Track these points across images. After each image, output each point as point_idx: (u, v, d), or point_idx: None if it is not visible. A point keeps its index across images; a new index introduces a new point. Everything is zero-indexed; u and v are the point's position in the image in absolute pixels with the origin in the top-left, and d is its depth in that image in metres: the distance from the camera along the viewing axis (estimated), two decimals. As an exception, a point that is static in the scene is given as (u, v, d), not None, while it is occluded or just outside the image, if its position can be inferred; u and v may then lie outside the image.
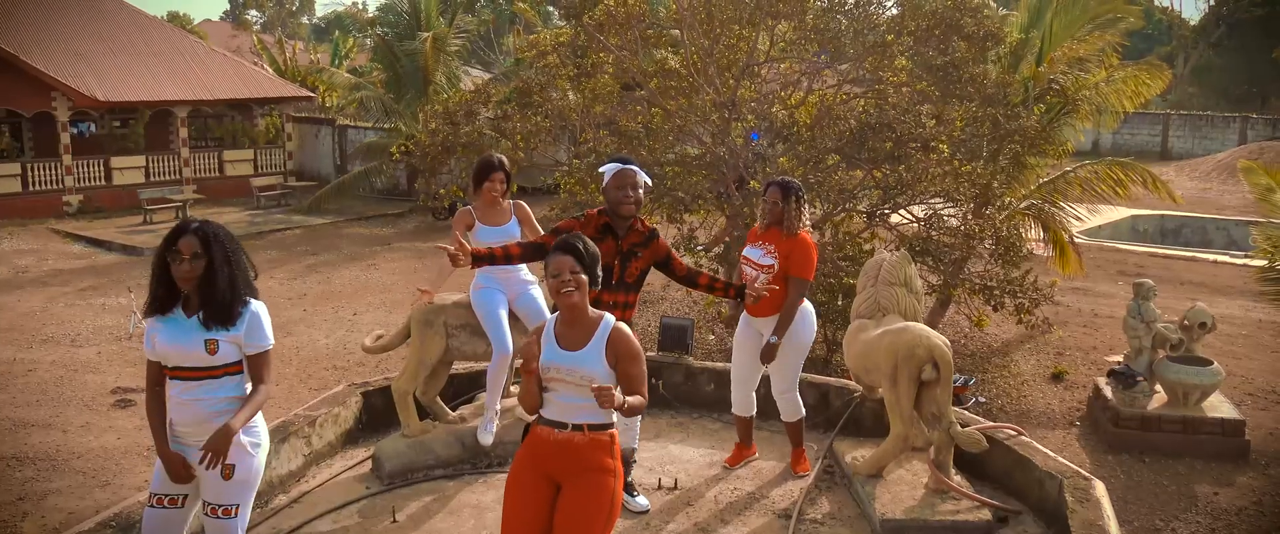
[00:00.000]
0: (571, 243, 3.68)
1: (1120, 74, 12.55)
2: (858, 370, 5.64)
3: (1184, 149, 33.28)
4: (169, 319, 3.77)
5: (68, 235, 20.05)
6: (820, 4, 11.48)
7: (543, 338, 3.71)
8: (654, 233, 4.98)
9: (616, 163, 4.87)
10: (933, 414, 4.89)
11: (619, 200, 4.79)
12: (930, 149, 9.64)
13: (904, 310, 5.39)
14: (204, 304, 3.74)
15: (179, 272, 3.70)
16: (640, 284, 5.00)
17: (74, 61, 22.52)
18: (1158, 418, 9.12)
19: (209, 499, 3.85)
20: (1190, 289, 15.06)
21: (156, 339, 3.76)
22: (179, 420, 3.82)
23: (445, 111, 12.12)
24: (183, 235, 3.72)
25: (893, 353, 4.94)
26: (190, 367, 3.75)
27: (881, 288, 5.53)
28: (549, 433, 3.67)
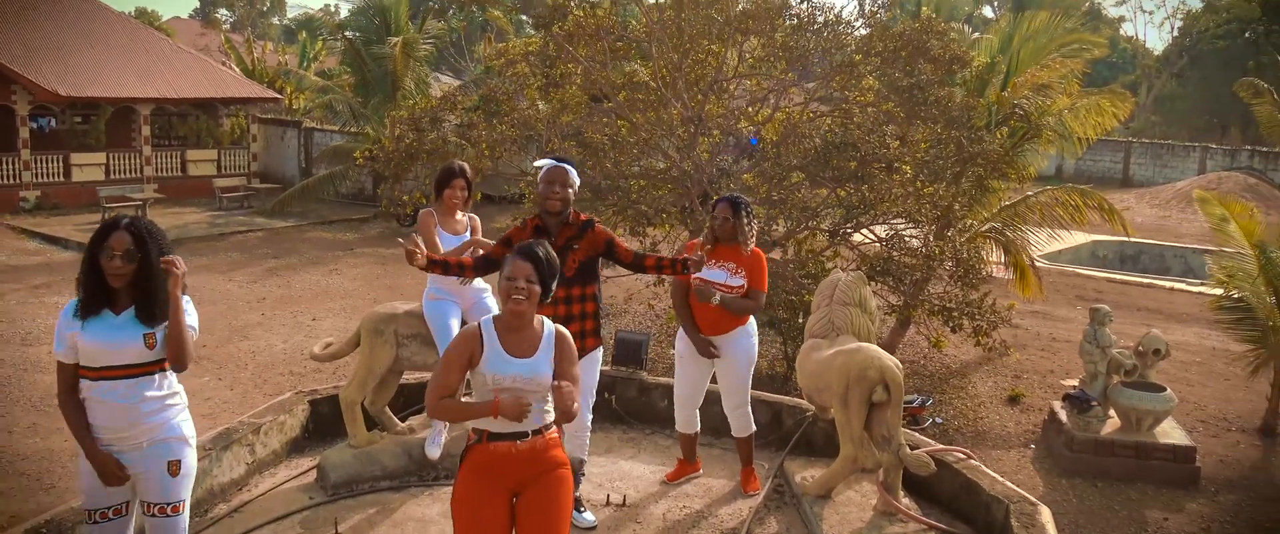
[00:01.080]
0: (534, 251, 3.62)
1: (1084, 101, 12.70)
2: (810, 390, 5.64)
3: (1145, 176, 33.75)
4: (95, 318, 3.66)
5: (23, 231, 19.71)
6: (789, 22, 11.53)
7: (486, 347, 3.59)
8: (589, 223, 5.00)
9: (551, 160, 4.97)
10: (883, 436, 4.89)
11: (546, 195, 4.90)
12: (894, 169, 9.68)
13: (858, 330, 5.39)
14: (139, 300, 3.66)
15: (112, 269, 3.61)
16: (587, 278, 4.96)
17: (36, 55, 22.17)
18: (1110, 443, 9.18)
19: (153, 499, 3.76)
20: (1146, 315, 15.23)
21: (80, 339, 3.64)
22: (112, 424, 3.70)
23: (411, 118, 12.03)
24: (114, 232, 3.64)
25: (845, 373, 4.94)
26: (123, 364, 3.65)
27: (836, 308, 5.53)
28: (508, 447, 3.59)
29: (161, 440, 3.76)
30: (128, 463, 3.72)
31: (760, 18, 11.24)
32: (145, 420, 3.69)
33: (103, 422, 3.69)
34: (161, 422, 3.76)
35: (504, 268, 3.61)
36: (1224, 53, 39.17)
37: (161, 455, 3.76)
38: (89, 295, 3.66)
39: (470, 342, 3.59)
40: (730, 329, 5.38)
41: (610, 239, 5.01)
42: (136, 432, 3.69)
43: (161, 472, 3.72)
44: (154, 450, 3.75)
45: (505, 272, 3.60)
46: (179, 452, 3.76)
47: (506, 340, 3.59)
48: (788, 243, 10.66)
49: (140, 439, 3.70)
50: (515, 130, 11.48)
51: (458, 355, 3.56)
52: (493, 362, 3.55)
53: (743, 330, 5.44)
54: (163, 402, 3.76)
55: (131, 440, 3.69)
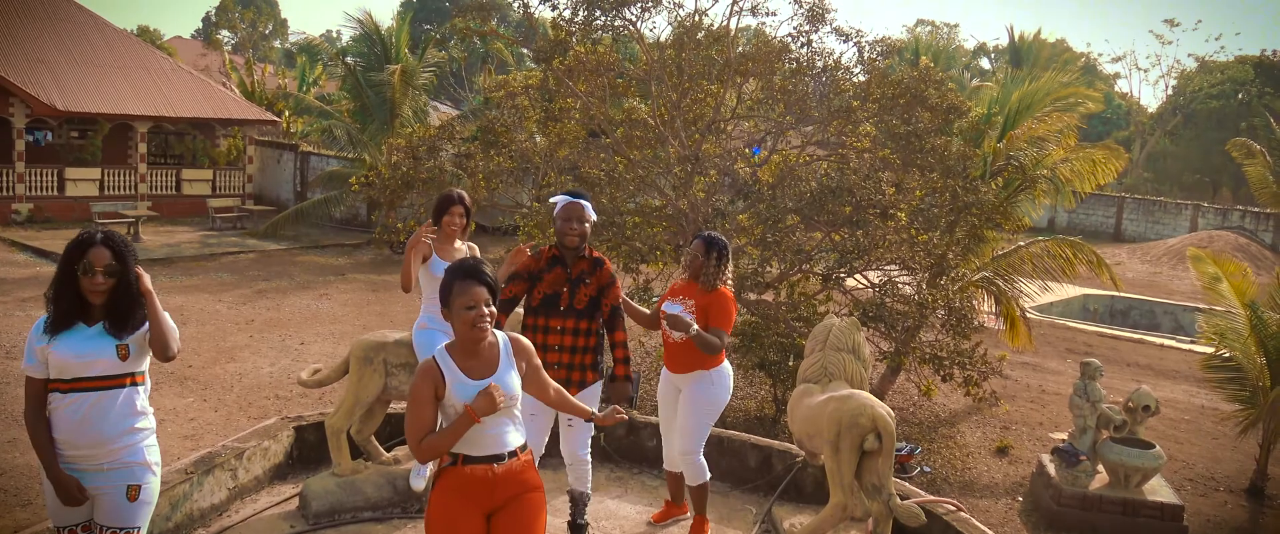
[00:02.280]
0: (480, 270, 3.54)
1: (1078, 155, 12.77)
2: (801, 435, 5.58)
3: (1137, 232, 33.93)
4: (67, 331, 3.60)
5: (13, 244, 19.61)
6: (788, 66, 11.60)
7: (447, 376, 3.51)
8: (600, 261, 5.14)
9: (566, 195, 5.07)
10: (873, 484, 4.84)
11: (563, 231, 5.02)
12: (889, 216, 9.69)
13: (851, 377, 5.35)
14: (113, 313, 3.61)
15: (91, 285, 3.56)
16: (593, 312, 5.09)
17: (35, 68, 22.20)
18: (1099, 498, 9.12)
19: (108, 522, 3.67)
20: (1136, 371, 15.23)
21: (52, 352, 3.57)
22: (76, 440, 3.61)
23: (408, 146, 12.04)
24: (93, 247, 3.58)
25: (836, 420, 4.90)
26: (96, 376, 3.58)
27: (829, 353, 5.49)
28: (486, 470, 3.53)
29: (124, 464, 3.68)
30: (87, 482, 3.63)
31: (760, 60, 11.32)
32: (112, 441, 3.62)
33: (68, 436, 3.60)
34: (127, 445, 3.68)
35: (455, 293, 3.49)
36: (1217, 113, 39.56)
37: (123, 479, 3.68)
38: (63, 311, 3.60)
39: (431, 376, 3.50)
40: (691, 369, 5.27)
41: (613, 282, 5.13)
42: (100, 451, 3.61)
43: (120, 495, 3.64)
44: (115, 473, 3.67)
45: (459, 300, 3.48)
46: (140, 477, 3.68)
47: (466, 365, 3.53)
48: (780, 285, 10.64)
49: (102, 459, 3.62)
50: (512, 162, 11.50)
51: (423, 393, 3.48)
52: (458, 389, 3.49)
53: (705, 375, 5.26)
54: (130, 423, 3.69)
55: (94, 459, 3.61)
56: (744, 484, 6.06)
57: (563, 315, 5.03)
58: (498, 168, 11.38)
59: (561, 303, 5.03)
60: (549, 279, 5.05)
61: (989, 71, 49.12)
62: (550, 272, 5.05)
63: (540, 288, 5.07)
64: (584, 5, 11.43)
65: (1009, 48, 43.73)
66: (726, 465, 6.22)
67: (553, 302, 5.04)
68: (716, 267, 5.19)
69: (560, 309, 5.03)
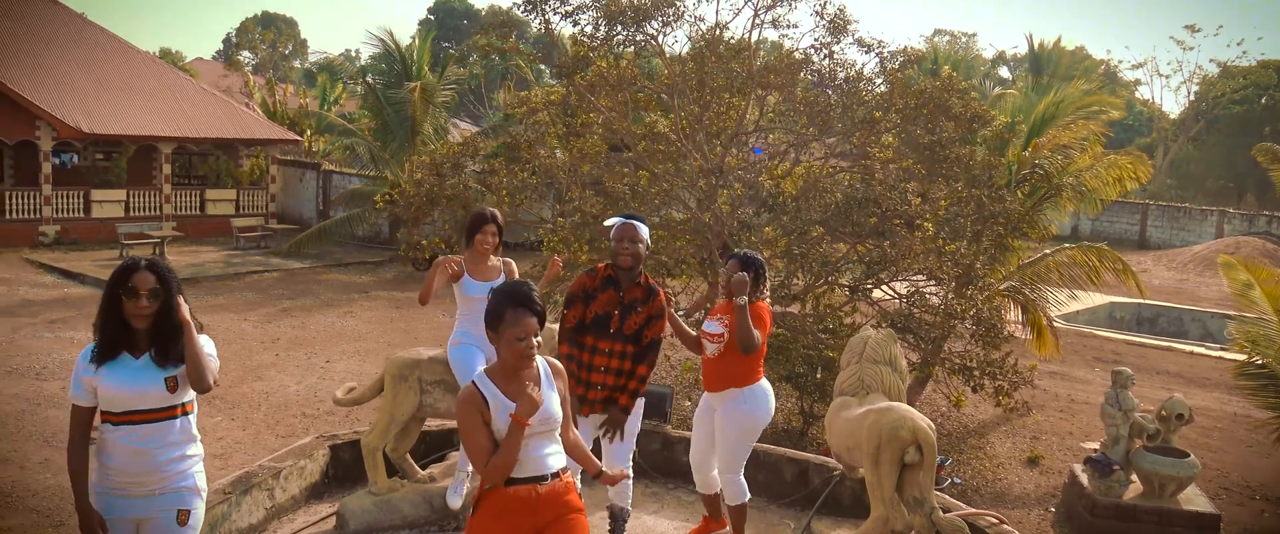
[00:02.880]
0: (532, 299, 3.51)
1: (1104, 162, 12.69)
2: (839, 449, 5.53)
3: (1162, 239, 33.67)
4: (115, 362, 3.62)
5: (41, 266, 19.80)
6: (810, 78, 11.59)
7: (489, 401, 3.49)
8: (654, 290, 5.13)
9: (622, 216, 5.10)
10: (914, 498, 4.79)
11: (617, 251, 5.04)
12: (915, 226, 9.65)
13: (888, 389, 5.31)
14: (159, 340, 3.63)
15: (136, 309, 3.59)
16: (639, 339, 5.08)
17: (61, 92, 22.44)
18: (1133, 508, 9.02)
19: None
20: (1166, 379, 15.08)
21: (101, 384, 3.59)
22: (127, 469, 3.64)
23: (432, 163, 12.08)
24: (137, 272, 3.62)
25: (876, 433, 4.85)
26: (146, 409, 3.61)
27: (866, 365, 5.45)
28: (530, 491, 3.51)
29: (174, 489, 3.72)
30: (138, 509, 3.67)
31: (782, 72, 11.31)
32: (163, 468, 3.65)
33: (121, 465, 3.64)
34: (177, 472, 3.72)
35: (508, 322, 3.47)
36: (1240, 118, 39.27)
37: (173, 503, 3.72)
38: (109, 339, 3.63)
39: (475, 402, 3.49)
40: (725, 387, 5.20)
41: (659, 318, 5.12)
42: (151, 479, 3.65)
43: (170, 520, 3.67)
44: (166, 498, 3.71)
45: (511, 330, 3.46)
46: (189, 502, 3.73)
47: (508, 389, 3.51)
48: (806, 297, 10.61)
49: (154, 486, 3.66)
50: (536, 178, 11.51)
51: (472, 419, 3.47)
52: (502, 412, 3.46)
53: (738, 393, 5.17)
54: (182, 451, 3.73)
55: (145, 487, 3.65)
56: (781, 498, 6.00)
57: (612, 338, 5.04)
58: (521, 184, 11.40)
59: (612, 325, 5.04)
60: (602, 299, 5.06)
61: (1008, 80, 48.95)
62: (604, 292, 5.07)
63: (593, 307, 5.07)
64: (605, 21, 11.45)
65: (1028, 56, 43.56)
66: (763, 479, 6.17)
67: (603, 322, 5.05)
68: (755, 285, 5.15)
69: (609, 331, 5.04)
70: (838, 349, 10.43)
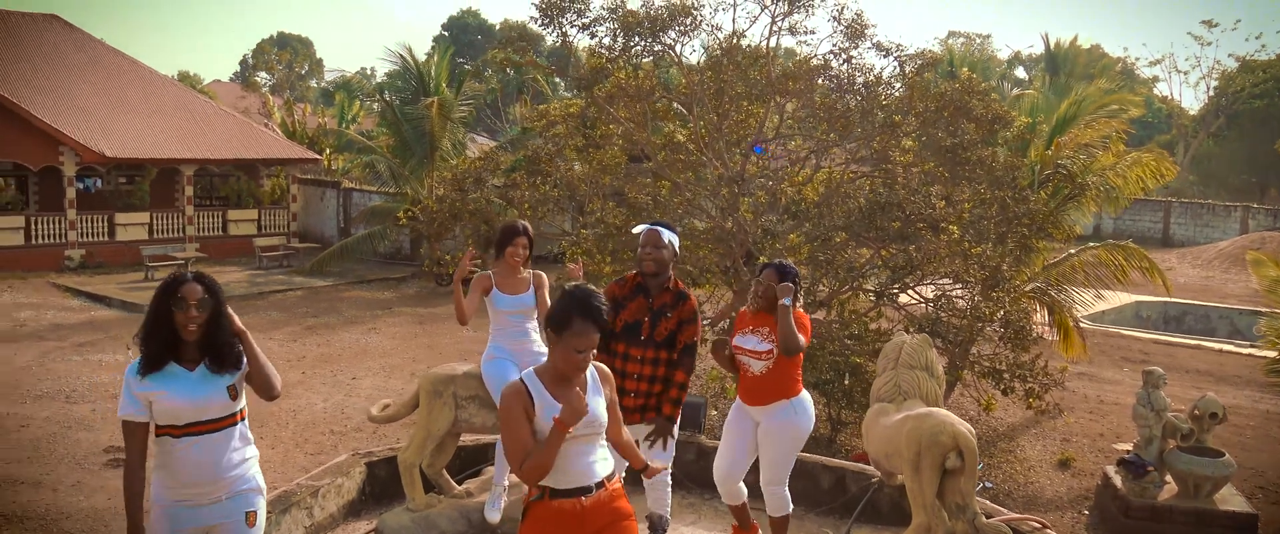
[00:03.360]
0: (600, 313, 3.49)
1: (1127, 160, 12.62)
2: (878, 456, 5.48)
3: (1185, 236, 33.42)
4: (170, 376, 3.66)
5: (68, 290, 19.97)
6: (828, 84, 11.57)
7: (536, 399, 3.47)
8: (684, 295, 5.14)
9: (648, 224, 5.12)
10: (956, 504, 4.75)
11: (641, 257, 5.07)
12: (940, 230, 9.60)
13: (925, 395, 5.27)
14: (212, 351, 3.68)
15: (186, 320, 3.63)
16: (673, 344, 5.07)
17: (83, 117, 22.67)
18: (1169, 509, 8.92)
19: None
20: (1195, 378, 14.94)
21: (164, 399, 3.64)
22: (194, 479, 3.70)
23: (454, 178, 12.12)
24: (184, 283, 3.67)
25: (916, 439, 4.81)
26: (210, 419, 3.67)
27: (902, 371, 5.41)
28: (575, 504, 3.48)
29: (240, 492, 3.80)
30: (206, 518, 3.73)
31: (800, 78, 11.30)
32: (227, 473, 3.72)
33: (187, 477, 3.69)
34: (240, 475, 3.80)
35: (574, 330, 3.44)
36: (1261, 112, 38.96)
37: (240, 507, 3.80)
38: (156, 352, 3.66)
39: (520, 396, 3.47)
40: (772, 400, 5.12)
41: (691, 322, 5.10)
42: (218, 486, 3.71)
43: (240, 523, 3.75)
44: (233, 503, 3.78)
45: (573, 341, 3.44)
46: (255, 503, 3.82)
47: (556, 391, 3.50)
48: (832, 303, 10.57)
49: (220, 493, 3.72)
50: (557, 190, 11.54)
51: (515, 412, 3.45)
52: (546, 413, 3.44)
53: (788, 404, 5.11)
54: (242, 454, 3.80)
55: (212, 494, 3.71)
56: (819, 507, 5.96)
57: (643, 345, 5.07)
58: (543, 196, 11.42)
59: (642, 332, 5.06)
60: (632, 307, 5.09)
61: (1025, 80, 48.75)
62: (633, 299, 5.10)
63: (623, 315, 5.09)
64: (622, 32, 11.47)
65: (1045, 56, 43.38)
66: (800, 488, 6.06)
67: (634, 330, 5.07)
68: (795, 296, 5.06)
69: (640, 339, 5.06)
70: (864, 355, 10.40)
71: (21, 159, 22.07)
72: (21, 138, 21.62)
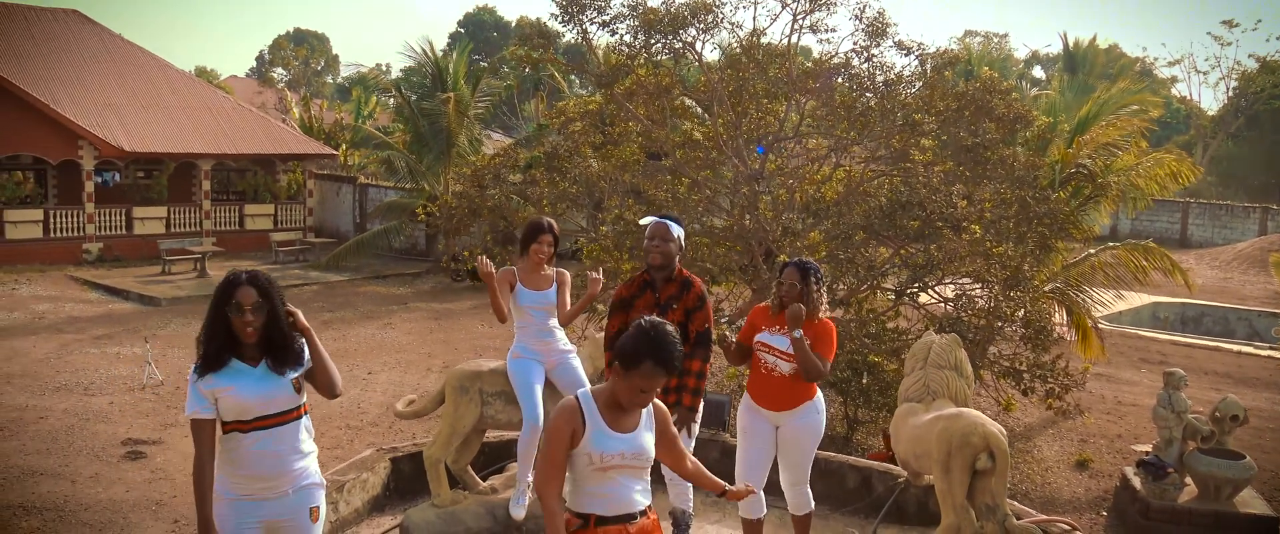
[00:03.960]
0: (673, 361, 3.38)
1: (1148, 160, 12.55)
2: (907, 456, 5.44)
3: (1203, 237, 33.22)
4: (235, 373, 3.71)
5: (86, 283, 20.07)
6: (847, 84, 11.53)
7: (588, 423, 3.42)
8: (689, 283, 5.07)
9: (655, 217, 5.09)
10: (987, 505, 4.72)
11: (648, 250, 5.04)
12: (962, 229, 9.56)
13: (954, 395, 5.24)
14: (272, 349, 3.72)
15: (242, 323, 3.67)
16: (684, 335, 4.96)
17: (102, 111, 22.79)
18: (1189, 512, 8.86)
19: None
20: (1214, 379, 14.85)
21: (231, 395, 3.68)
22: (260, 474, 3.75)
23: (473, 174, 12.13)
24: (238, 287, 3.69)
25: (946, 440, 4.78)
26: (276, 413, 3.73)
27: (931, 371, 5.38)
28: (620, 530, 3.45)
29: (304, 487, 3.86)
30: (274, 513, 3.78)
31: (820, 76, 11.28)
32: (292, 467, 3.78)
33: (254, 472, 3.74)
34: (304, 468, 3.85)
35: (643, 371, 3.34)
36: (1281, 112, 38.70)
37: (305, 501, 3.86)
38: (215, 351, 3.70)
39: (571, 417, 3.42)
40: (795, 404, 5.03)
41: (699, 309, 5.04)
42: (283, 480, 3.77)
43: (304, 517, 3.81)
44: (297, 498, 3.84)
45: (645, 379, 3.34)
46: (317, 498, 3.88)
47: (610, 416, 3.44)
48: (851, 301, 10.55)
49: (286, 487, 3.78)
50: (576, 187, 11.54)
51: (561, 431, 3.41)
52: (597, 437, 3.40)
53: (810, 406, 5.08)
54: (306, 448, 3.87)
55: (277, 488, 3.77)
56: (844, 507, 5.93)
57: None
58: (561, 193, 11.42)
59: None
60: (640, 305, 5.05)
61: (1042, 80, 48.52)
62: (641, 297, 5.07)
63: (632, 314, 5.03)
64: (643, 30, 11.46)
65: (1063, 55, 43.15)
66: (824, 488, 6.06)
67: None
68: (817, 292, 4.99)
69: None
70: (881, 354, 10.38)
71: (41, 152, 22.19)
72: (41, 131, 21.74)
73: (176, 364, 13.78)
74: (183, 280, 20.54)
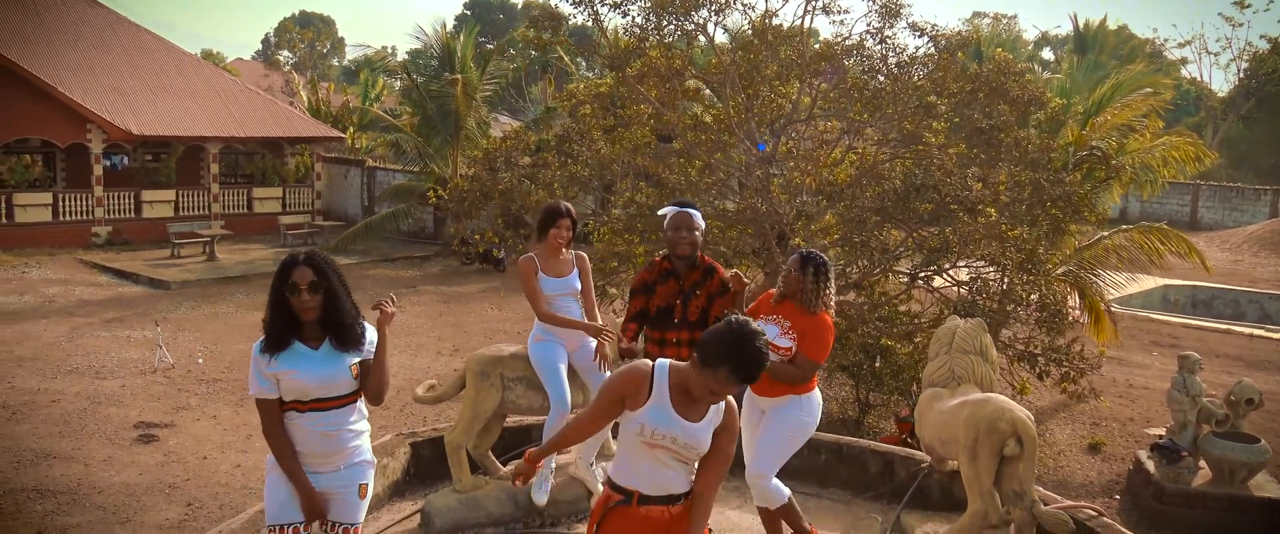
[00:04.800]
0: (756, 374, 3.25)
1: (1163, 143, 12.48)
2: (932, 441, 5.38)
3: (1213, 220, 33.07)
4: (297, 356, 3.75)
5: (95, 266, 20.09)
6: (861, 65, 11.45)
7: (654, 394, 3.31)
8: (711, 269, 5.07)
9: (675, 206, 5.03)
10: (1015, 492, 4.67)
11: (675, 241, 4.97)
12: (977, 212, 9.51)
13: (980, 379, 5.20)
14: (333, 330, 3.76)
15: (300, 303, 3.69)
16: (707, 322, 4.92)
17: (110, 95, 22.75)
18: (1203, 495, 8.86)
19: (341, 519, 3.92)
20: (1225, 362, 14.81)
21: (292, 378, 3.73)
22: (315, 450, 3.83)
23: (484, 157, 12.08)
24: (295, 268, 3.72)
25: (973, 425, 4.74)
26: (334, 396, 3.77)
27: (956, 355, 5.33)
28: (662, 511, 3.39)
29: (355, 464, 3.92)
30: (324, 485, 3.87)
31: (833, 58, 11.20)
32: (346, 445, 3.85)
33: (310, 449, 3.82)
34: (356, 447, 3.91)
35: (722, 377, 3.19)
36: (1292, 94, 38.44)
37: (354, 478, 3.92)
38: (278, 332, 3.75)
39: (639, 382, 3.32)
40: (781, 394, 4.82)
41: (722, 294, 5.03)
42: (336, 457, 3.84)
43: (352, 494, 3.89)
44: (349, 473, 3.91)
45: (723, 383, 3.20)
46: (367, 475, 3.95)
47: (679, 401, 3.33)
48: (864, 284, 10.51)
49: (338, 463, 3.85)
50: (588, 170, 11.49)
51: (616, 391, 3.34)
52: (654, 411, 3.31)
53: (795, 400, 4.80)
54: (360, 427, 3.93)
55: (330, 464, 3.84)
56: (865, 492, 5.88)
57: (677, 327, 5.01)
58: (573, 176, 11.36)
59: (675, 315, 5.01)
60: (662, 292, 5.02)
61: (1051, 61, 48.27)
62: (664, 284, 5.03)
63: (655, 301, 5.04)
64: (654, 11, 11.38)
65: (1073, 36, 42.86)
66: (846, 473, 6.10)
67: (667, 314, 5.01)
68: (815, 286, 4.73)
69: (674, 322, 5.01)
70: (894, 338, 10.35)
71: (49, 136, 22.17)
72: (49, 115, 21.71)
73: (187, 347, 13.80)
74: (192, 263, 20.54)
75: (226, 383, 12.33)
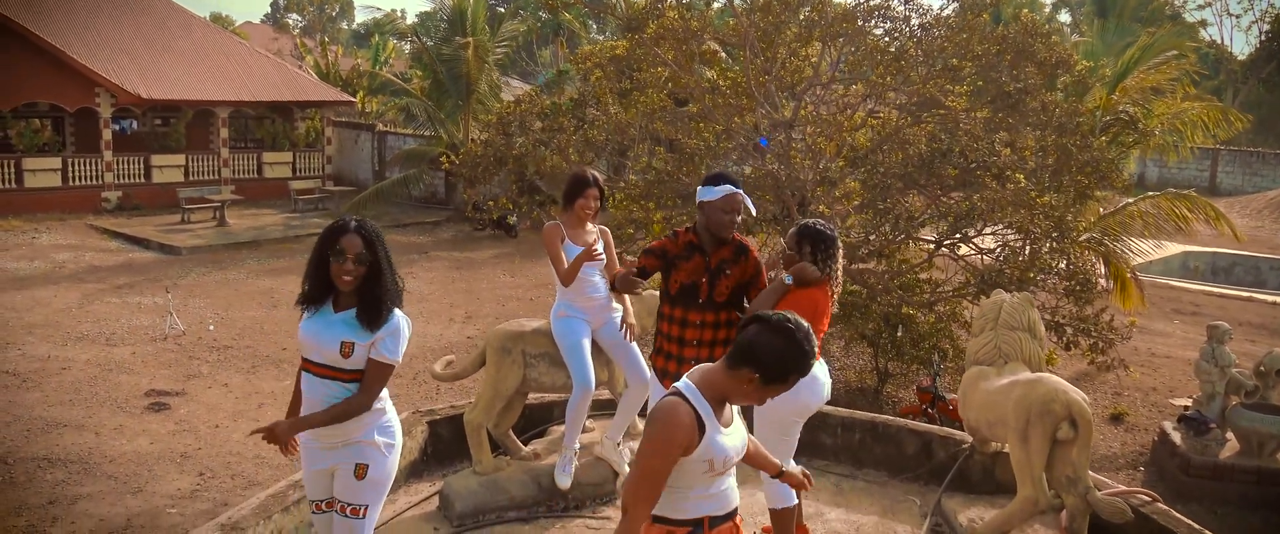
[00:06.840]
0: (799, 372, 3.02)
1: (1197, 106, 12.19)
2: (977, 422, 5.13)
3: (1233, 185, 32.64)
4: (317, 313, 3.65)
5: (106, 231, 19.97)
6: (882, 26, 11.17)
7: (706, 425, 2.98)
8: (744, 249, 4.66)
9: (728, 184, 4.54)
10: (1068, 477, 4.45)
11: (722, 224, 4.54)
12: (1006, 179, 9.26)
13: (1028, 358, 4.94)
14: (363, 303, 3.58)
15: (341, 271, 3.54)
16: (735, 304, 4.63)
17: (119, 58, 22.53)
18: (1230, 467, 8.70)
19: (340, 498, 3.77)
20: (1248, 330, 14.59)
21: (301, 332, 3.66)
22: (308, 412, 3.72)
23: (499, 121, 11.86)
24: (345, 234, 3.56)
25: (1024, 407, 4.49)
26: (322, 363, 3.63)
27: (1002, 332, 5.07)
28: (731, 528, 3.18)
29: (355, 443, 3.73)
30: (328, 457, 3.76)
31: (855, 20, 10.91)
32: (347, 424, 3.69)
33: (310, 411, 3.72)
34: (357, 424, 3.71)
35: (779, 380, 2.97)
36: (1314, 57, 37.82)
37: (353, 456, 3.74)
38: (313, 293, 3.66)
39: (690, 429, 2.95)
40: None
41: (759, 274, 4.64)
42: (336, 435, 3.70)
43: (349, 473, 3.72)
44: (348, 451, 3.74)
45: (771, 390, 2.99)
46: (368, 456, 3.73)
47: (718, 413, 3.05)
48: (885, 252, 10.30)
49: (336, 438, 3.71)
50: (604, 135, 11.27)
51: (675, 446, 2.94)
52: (714, 442, 3.01)
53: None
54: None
55: (329, 437, 3.71)
56: (902, 473, 5.66)
57: (702, 308, 4.58)
58: (589, 141, 11.14)
59: (700, 295, 4.58)
60: (686, 268, 4.59)
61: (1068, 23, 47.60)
62: (688, 260, 4.58)
63: (677, 276, 4.62)
64: (673, -29, 11.09)
65: (1093, -1, 42.20)
66: (881, 453, 5.86)
67: (691, 293, 4.59)
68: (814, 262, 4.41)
69: (699, 302, 4.58)
70: (914, 307, 10.15)
71: (58, 100, 21.97)
72: (57, 79, 21.51)
73: (198, 314, 13.67)
74: (202, 229, 20.42)
75: (237, 350, 12.21)
